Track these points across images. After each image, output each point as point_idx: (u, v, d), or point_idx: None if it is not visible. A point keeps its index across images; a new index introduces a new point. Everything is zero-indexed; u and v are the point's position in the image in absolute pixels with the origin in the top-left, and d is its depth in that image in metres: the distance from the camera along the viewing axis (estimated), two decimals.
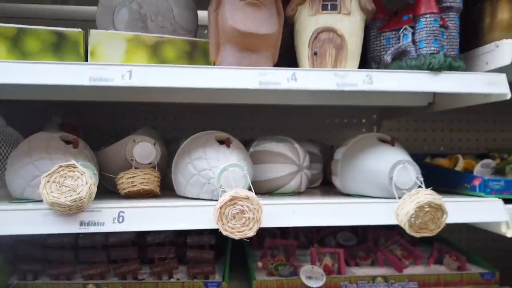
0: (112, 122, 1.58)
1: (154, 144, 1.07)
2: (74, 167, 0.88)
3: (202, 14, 1.10)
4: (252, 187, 0.94)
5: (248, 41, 0.95)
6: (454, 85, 0.98)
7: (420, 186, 0.97)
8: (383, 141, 1.09)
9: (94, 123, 1.55)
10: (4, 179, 1.00)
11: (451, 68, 1.00)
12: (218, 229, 0.87)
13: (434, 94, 1.34)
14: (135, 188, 0.99)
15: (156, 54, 1.00)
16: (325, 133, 1.73)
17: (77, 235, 1.07)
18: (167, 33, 1.06)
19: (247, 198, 0.87)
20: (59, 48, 0.95)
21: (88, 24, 1.07)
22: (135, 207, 0.89)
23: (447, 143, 1.76)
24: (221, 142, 1.02)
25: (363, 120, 1.77)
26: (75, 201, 0.84)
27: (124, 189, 0.99)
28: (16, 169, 0.95)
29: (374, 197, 1.04)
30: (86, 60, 0.97)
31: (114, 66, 0.89)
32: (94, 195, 0.87)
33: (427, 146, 1.76)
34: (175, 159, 1.05)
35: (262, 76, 0.93)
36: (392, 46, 1.05)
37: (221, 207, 0.86)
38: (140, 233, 1.10)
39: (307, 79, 0.94)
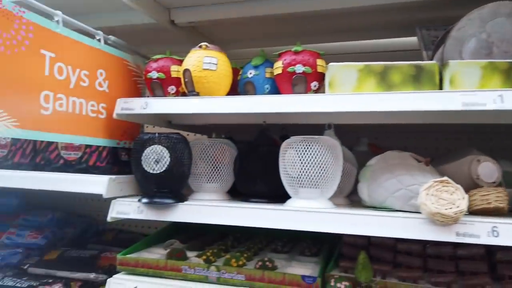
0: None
1: (494, 163, 1.11)
2: (447, 183, 0.99)
3: None
4: None
5: None
6: None
7: None
8: None
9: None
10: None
11: None
12: None
13: None
14: (490, 206, 1.04)
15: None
16: None
17: (425, 244, 1.20)
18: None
19: None
20: (417, 79, 1.10)
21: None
22: (508, 223, 0.94)
23: None
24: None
25: None
26: (456, 213, 0.94)
27: (476, 205, 1.06)
28: (379, 182, 1.13)
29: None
30: (440, 89, 1.09)
31: (483, 92, 0.97)
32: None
33: None
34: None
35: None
36: None
37: None
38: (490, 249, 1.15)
39: None
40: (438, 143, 1.64)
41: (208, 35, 1.78)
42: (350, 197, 1.36)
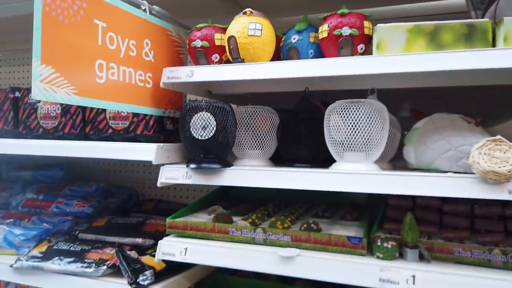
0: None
1: None
2: (500, 141, 0.99)
3: None
4: None
5: None
6: None
7: None
8: None
9: None
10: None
11: None
12: None
13: None
14: None
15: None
16: None
17: (472, 205, 1.20)
18: None
19: None
20: (469, 38, 1.08)
21: None
22: None
23: None
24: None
25: None
26: (510, 171, 0.94)
27: None
28: (427, 144, 1.13)
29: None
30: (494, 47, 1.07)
31: None
32: None
33: None
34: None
35: None
36: None
37: None
38: None
39: None
40: (481, 108, 1.61)
41: (244, 4, 1.78)
42: (393, 162, 1.37)
